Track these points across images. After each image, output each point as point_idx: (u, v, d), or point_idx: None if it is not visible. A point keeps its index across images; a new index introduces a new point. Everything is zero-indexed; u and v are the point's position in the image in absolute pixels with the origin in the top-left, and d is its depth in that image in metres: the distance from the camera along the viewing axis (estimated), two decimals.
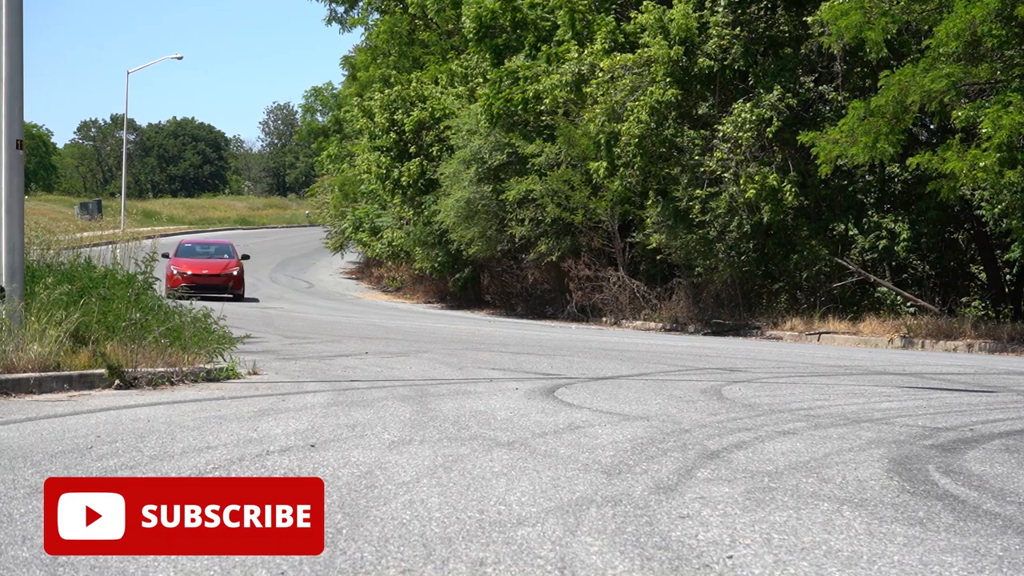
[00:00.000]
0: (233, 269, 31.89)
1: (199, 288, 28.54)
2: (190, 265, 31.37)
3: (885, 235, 22.54)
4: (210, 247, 34.61)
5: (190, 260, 31.98)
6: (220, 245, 34.99)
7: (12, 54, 9.27)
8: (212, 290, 30.26)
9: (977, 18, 16.37)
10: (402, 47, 43.23)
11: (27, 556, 3.51)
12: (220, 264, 32.16)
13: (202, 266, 31.67)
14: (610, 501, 4.33)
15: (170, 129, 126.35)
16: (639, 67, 23.68)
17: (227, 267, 31.95)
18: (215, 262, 32.30)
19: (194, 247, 34.08)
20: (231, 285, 31.40)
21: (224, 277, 31.40)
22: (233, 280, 31.67)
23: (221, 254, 33.40)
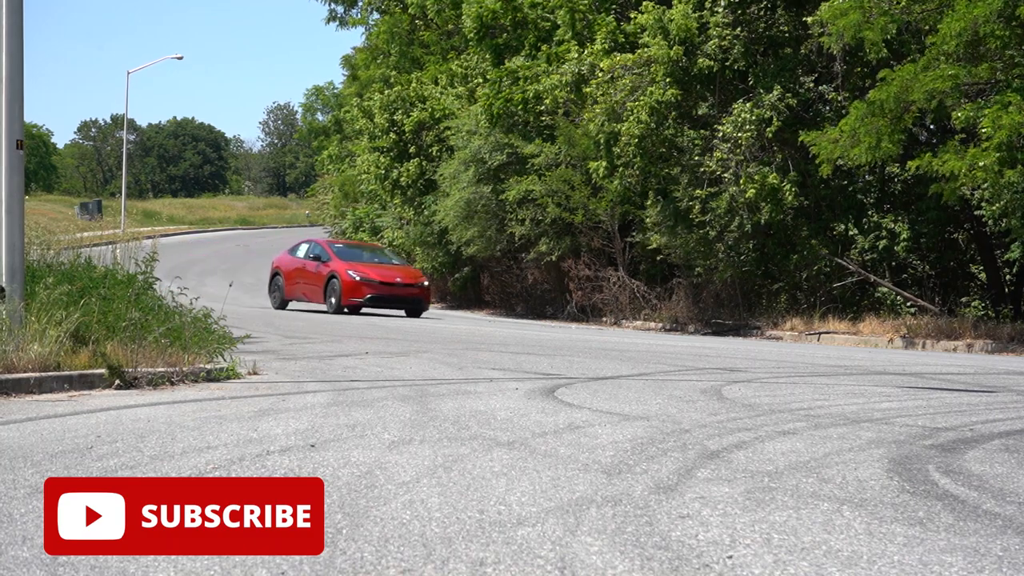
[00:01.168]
0: (424, 279, 25.77)
1: (386, 300, 24.28)
2: (375, 271, 25.03)
3: (885, 235, 22.54)
4: (365, 249, 27.95)
5: (366, 265, 25.44)
6: (375, 249, 28.45)
7: (12, 54, 9.27)
8: (402, 303, 24.89)
9: (979, 18, 16.37)
10: (402, 47, 43.22)
11: (27, 556, 3.51)
12: (410, 272, 25.84)
13: (390, 272, 25.21)
14: (610, 501, 4.33)
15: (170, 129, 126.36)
16: (639, 67, 23.68)
17: (419, 276, 25.69)
18: (401, 269, 25.92)
19: (349, 249, 27.29)
20: (424, 299, 25.41)
21: (418, 288, 25.17)
22: (425, 292, 25.53)
23: (388, 259, 27.17)
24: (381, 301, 23.66)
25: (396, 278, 24.65)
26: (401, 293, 24.58)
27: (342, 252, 26.18)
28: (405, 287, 24.72)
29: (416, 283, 25.05)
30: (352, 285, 24.15)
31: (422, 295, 25.16)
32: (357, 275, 24.28)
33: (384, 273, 24.83)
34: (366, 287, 24.19)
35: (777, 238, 23.47)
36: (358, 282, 24.19)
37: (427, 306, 25.61)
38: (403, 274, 25.11)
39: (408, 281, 24.83)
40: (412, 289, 24.92)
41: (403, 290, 24.66)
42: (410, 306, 25.06)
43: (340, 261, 25.17)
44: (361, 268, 24.80)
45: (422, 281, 25.36)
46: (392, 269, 25.38)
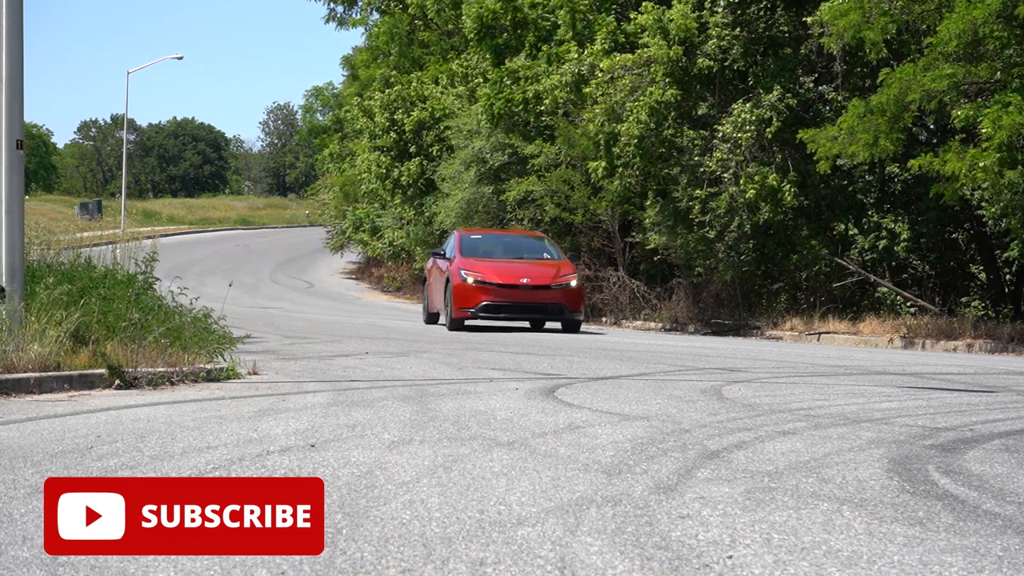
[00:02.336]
0: (569, 277, 18.65)
1: (504, 309, 18.19)
2: (496, 269, 18.56)
3: (885, 235, 22.55)
4: (509, 240, 20.93)
5: (489, 262, 19.01)
6: (525, 238, 21.39)
7: (12, 54, 9.27)
8: (533, 311, 18.50)
9: (979, 18, 16.38)
10: (402, 47, 43.24)
11: (27, 556, 3.51)
12: (545, 269, 18.89)
13: (517, 270, 18.64)
14: (610, 501, 4.33)
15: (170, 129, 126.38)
16: (639, 67, 23.68)
17: (558, 273, 18.72)
18: (534, 266, 19.08)
19: (486, 240, 20.57)
20: (568, 305, 18.42)
21: (554, 291, 18.33)
22: (570, 296, 18.46)
23: (536, 252, 20.11)
24: (497, 310, 17.90)
25: (522, 279, 18.03)
26: (525, 298, 17.88)
27: (470, 245, 19.75)
28: (533, 290, 17.88)
29: (551, 284, 18.14)
30: (462, 291, 17.94)
31: (561, 300, 18.15)
32: (470, 276, 17.96)
33: (507, 271, 18.30)
34: (480, 292, 17.88)
35: (777, 238, 23.47)
36: (470, 286, 17.91)
37: (573, 315, 18.35)
38: (536, 273, 18.38)
39: (539, 282, 18.08)
40: (544, 293, 18.02)
41: (529, 294, 17.88)
42: (541, 315, 18.47)
43: (461, 258, 18.90)
44: (479, 266, 18.44)
45: (563, 280, 18.31)
46: (526, 266, 18.69)
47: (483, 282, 18.07)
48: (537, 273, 18.51)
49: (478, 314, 17.91)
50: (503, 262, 18.98)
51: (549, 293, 18.18)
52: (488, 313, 18.01)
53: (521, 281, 18.10)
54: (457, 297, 18.05)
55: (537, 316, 18.67)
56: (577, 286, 18.50)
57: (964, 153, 16.76)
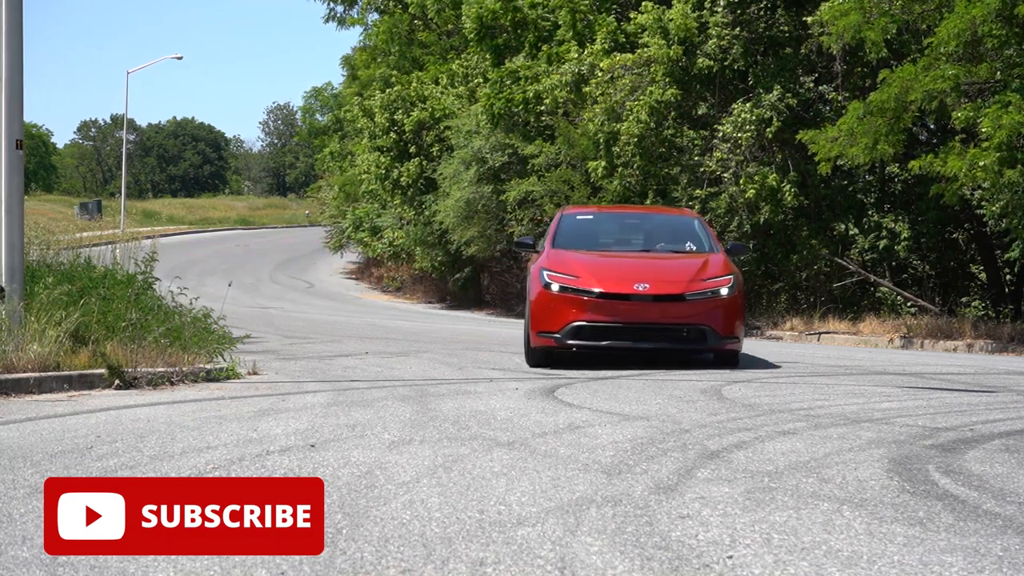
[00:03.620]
0: (719, 281, 11.64)
1: (622, 333, 11.35)
2: (597, 270, 11.75)
3: (885, 235, 22.55)
4: (635, 222, 14.07)
5: (592, 257, 12.27)
6: (663, 219, 14.13)
7: (12, 53, 9.27)
8: (657, 336, 11.50)
9: (978, 18, 16.37)
10: (402, 47, 43.23)
11: (27, 556, 3.51)
12: (681, 269, 11.96)
13: (631, 271, 11.77)
14: (610, 501, 4.33)
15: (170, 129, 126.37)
16: (639, 67, 23.68)
17: (701, 275, 11.73)
18: (664, 263, 12.30)
19: (600, 221, 13.86)
20: (714, 327, 11.39)
21: (695, 305, 11.43)
22: (720, 312, 11.48)
23: (675, 241, 13.00)
24: (598, 335, 11.27)
25: (637, 284, 11.30)
26: (643, 316, 11.27)
27: (572, 230, 12.92)
28: (655, 303, 11.27)
29: (684, 292, 11.37)
30: (543, 305, 11.37)
31: (704, 319, 11.33)
32: (556, 281, 11.37)
33: (617, 272, 11.65)
34: (568, 307, 11.27)
35: (777, 238, 23.47)
36: (554, 297, 11.30)
37: (724, 342, 11.43)
38: (663, 275, 11.61)
39: (664, 290, 11.35)
40: (673, 308, 11.31)
41: (649, 310, 11.27)
42: (671, 342, 11.47)
43: (551, 251, 12.25)
44: (574, 263, 11.75)
45: (709, 286, 11.49)
46: (652, 264, 12.04)
47: (574, 290, 11.16)
48: (665, 275, 11.47)
49: (565, 340, 11.09)
50: (616, 256, 12.22)
51: (683, 307, 11.17)
52: (582, 340, 11.12)
53: (636, 288, 11.11)
54: (535, 314, 11.30)
55: (665, 344, 11.33)
56: (732, 296, 11.32)
57: (964, 153, 16.76)
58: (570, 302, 11.27)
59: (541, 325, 11.31)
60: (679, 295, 11.29)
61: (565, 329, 11.17)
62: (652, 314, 11.23)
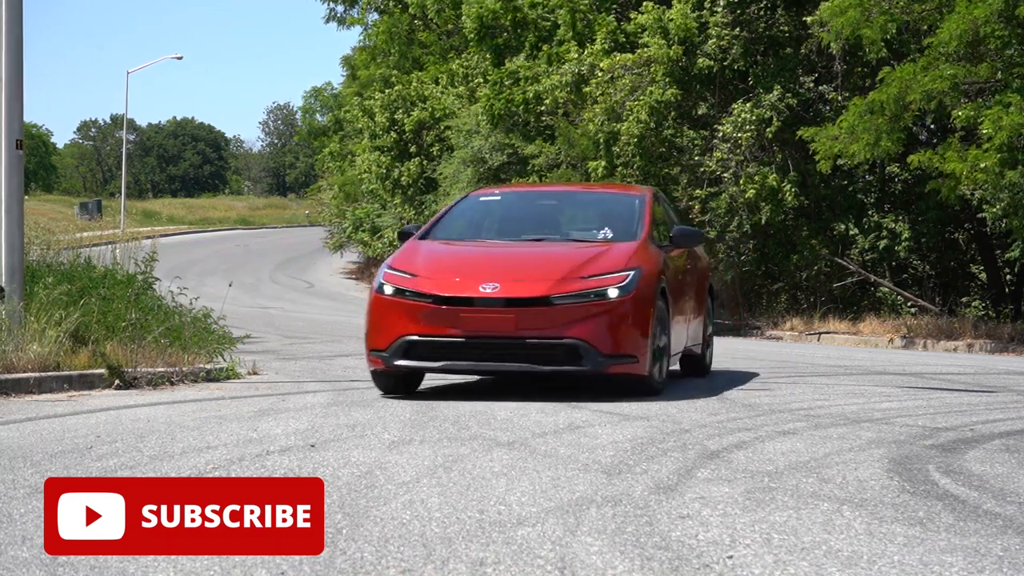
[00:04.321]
0: (611, 278, 8.11)
1: (465, 351, 8.09)
2: (446, 267, 8.50)
3: (885, 235, 22.54)
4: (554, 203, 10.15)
5: (460, 250, 8.96)
6: (599, 200, 10.44)
7: (12, 53, 9.27)
8: (514, 355, 8.04)
9: (980, 19, 16.37)
10: (402, 47, 43.22)
11: (27, 556, 3.51)
12: (565, 261, 8.41)
13: (490, 267, 8.37)
14: (610, 501, 4.33)
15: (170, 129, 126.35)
16: (639, 67, 23.68)
17: (585, 270, 8.22)
18: (549, 255, 8.70)
19: (510, 202, 10.16)
20: (593, 343, 7.91)
21: (567, 311, 7.96)
22: (604, 324, 7.97)
23: (595, 226, 9.34)
24: (435, 354, 8.21)
25: (485, 285, 8.06)
26: (491, 329, 8.05)
27: (467, 215, 9.77)
28: (508, 309, 8.00)
29: (550, 295, 8.01)
30: (374, 312, 8.51)
31: (580, 332, 7.99)
32: (392, 282, 8.40)
33: (473, 268, 8.45)
34: (399, 317, 8.25)
35: (777, 238, 23.46)
36: (386, 303, 8.39)
37: (609, 361, 8.04)
38: (523, 271, 8.37)
39: (523, 291, 8.06)
40: (534, 317, 8.00)
41: (499, 321, 8.02)
42: (531, 363, 8.09)
43: (412, 243, 9.09)
44: (429, 259, 8.69)
45: (589, 286, 8.10)
46: (524, 254, 8.88)
47: (408, 293, 8.23)
48: (529, 271, 8.34)
49: (393, 361, 8.21)
50: (489, 248, 9.02)
51: (548, 315, 7.98)
52: (414, 360, 8.22)
53: (481, 290, 8.02)
54: (367, 327, 8.54)
55: (523, 366, 8.10)
56: (626, 298, 8.08)
57: (964, 152, 16.76)
58: (402, 310, 8.15)
59: (371, 341, 8.36)
60: (542, 298, 7.90)
61: (393, 346, 8.08)
62: (504, 325, 7.92)
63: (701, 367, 10.49)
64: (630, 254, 8.50)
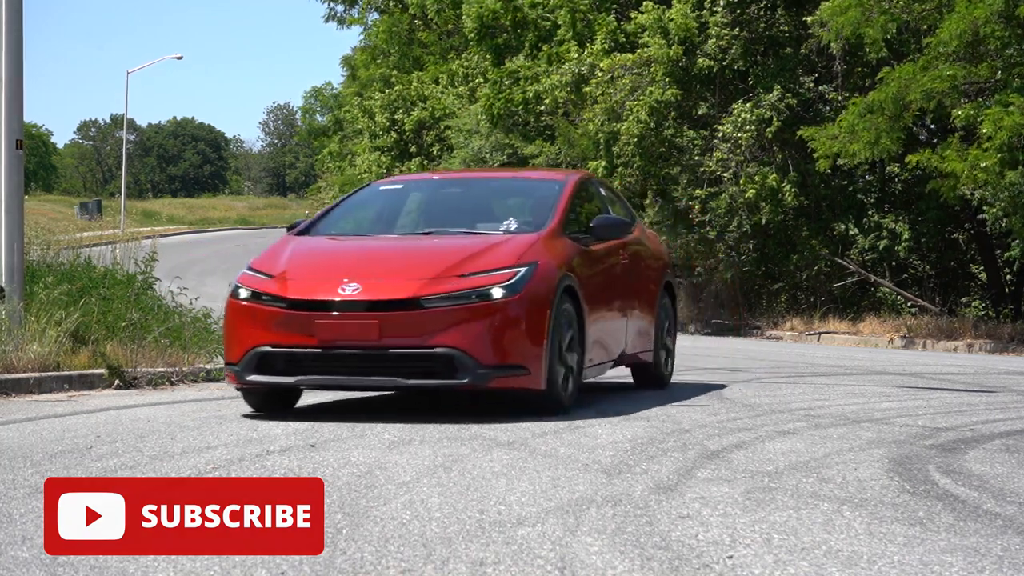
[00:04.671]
0: (496, 277, 6.96)
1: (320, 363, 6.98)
2: (304, 265, 7.44)
3: (885, 235, 22.54)
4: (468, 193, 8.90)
5: (333, 245, 7.85)
6: (513, 187, 9.14)
7: (12, 53, 9.27)
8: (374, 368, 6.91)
9: (979, 19, 16.36)
10: (402, 47, 43.22)
11: (27, 556, 3.51)
12: (425, 261, 7.24)
13: (347, 266, 7.26)
14: (610, 501, 4.33)
15: (170, 129, 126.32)
16: (639, 67, 23.68)
17: (450, 271, 7.02)
18: (416, 250, 7.59)
19: (412, 191, 8.87)
20: (468, 351, 6.77)
21: (437, 314, 6.82)
22: (484, 323, 6.83)
23: (502, 216, 8.07)
24: (292, 367, 7.05)
25: (345, 286, 6.92)
26: (352, 337, 6.88)
27: (362, 205, 8.75)
28: (372, 313, 6.85)
29: (419, 296, 6.85)
30: (228, 319, 7.43)
31: (454, 339, 6.80)
32: (249, 284, 7.28)
33: (336, 266, 7.40)
34: (251, 326, 7.15)
35: (777, 238, 23.46)
36: (241, 308, 7.25)
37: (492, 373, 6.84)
38: (392, 269, 7.20)
39: (387, 294, 6.90)
40: (401, 322, 6.84)
41: (360, 326, 6.86)
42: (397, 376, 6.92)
43: (286, 238, 8.03)
44: (295, 256, 7.57)
45: (468, 285, 6.93)
46: (402, 249, 7.68)
47: (263, 297, 7.18)
48: (398, 269, 7.27)
49: (245, 376, 7.16)
50: (365, 242, 7.94)
51: (417, 321, 6.90)
52: (266, 375, 7.13)
53: (340, 292, 6.98)
54: (224, 337, 7.66)
55: (392, 380, 7.01)
56: (514, 298, 6.95)
57: (964, 152, 16.75)
58: (256, 317, 7.08)
59: (225, 352, 7.39)
60: (409, 300, 6.79)
61: (245, 359, 7.01)
62: (366, 332, 6.79)
63: (656, 378, 9.18)
64: (526, 248, 7.26)
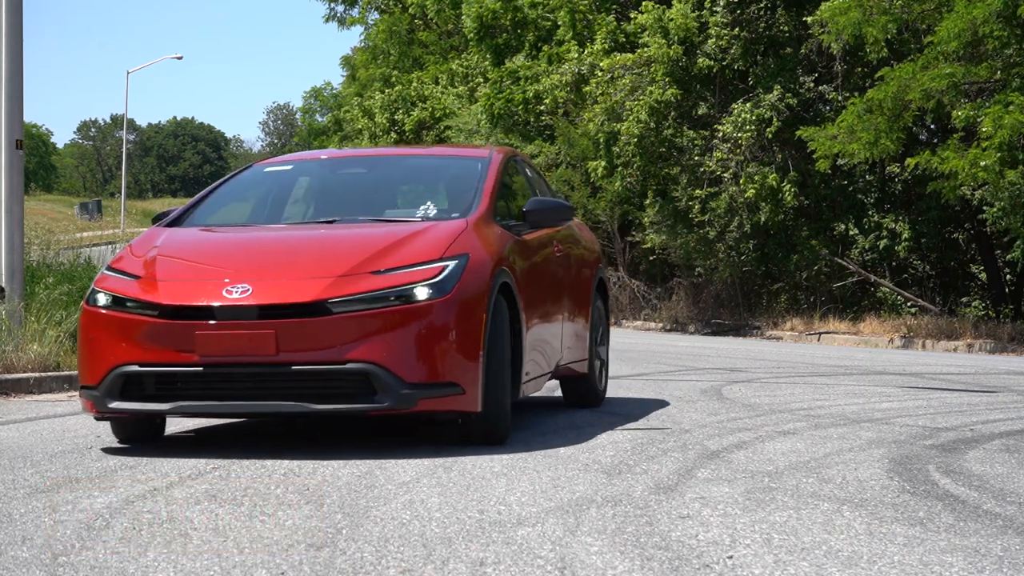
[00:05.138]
0: (420, 273, 5.56)
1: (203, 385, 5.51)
2: (180, 263, 5.91)
3: (885, 235, 22.55)
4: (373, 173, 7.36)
5: (214, 238, 6.34)
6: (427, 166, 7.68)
7: (12, 54, 9.27)
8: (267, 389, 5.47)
9: (979, 18, 16.35)
10: (402, 47, 43.24)
11: (27, 556, 3.51)
12: (334, 254, 5.80)
13: (236, 264, 5.76)
14: (610, 501, 4.33)
15: (170, 129, 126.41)
16: (639, 67, 23.69)
17: (364, 265, 5.59)
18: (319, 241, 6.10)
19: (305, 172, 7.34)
20: (382, 366, 5.38)
21: (343, 323, 5.40)
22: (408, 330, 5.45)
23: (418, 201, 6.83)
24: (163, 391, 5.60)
25: (233, 287, 5.48)
26: (243, 352, 5.41)
27: (243, 190, 7.20)
28: (267, 321, 5.41)
29: (327, 298, 5.44)
30: (84, 332, 5.85)
31: (371, 352, 5.40)
32: (110, 289, 5.78)
33: (219, 264, 5.88)
34: (118, 338, 5.60)
35: (777, 238, 23.47)
36: (100, 318, 5.73)
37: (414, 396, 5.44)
38: (295, 265, 5.72)
39: (286, 296, 5.47)
40: (304, 332, 5.40)
41: (254, 338, 5.39)
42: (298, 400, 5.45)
43: (154, 231, 6.44)
44: (164, 253, 6.00)
45: (394, 283, 5.53)
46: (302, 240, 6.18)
47: (127, 303, 5.70)
48: (302, 265, 5.77)
49: (106, 402, 5.62)
50: (261, 234, 6.45)
51: (324, 330, 5.45)
52: (133, 402, 5.65)
53: (227, 295, 5.50)
54: (78, 353, 6.08)
55: (289, 406, 5.49)
56: (443, 299, 5.56)
57: (963, 152, 16.75)
58: (120, 328, 5.61)
59: (80, 373, 5.85)
60: (314, 304, 5.42)
61: (107, 381, 5.55)
62: (260, 345, 5.39)
63: (588, 393, 7.66)
64: (453, 237, 5.87)
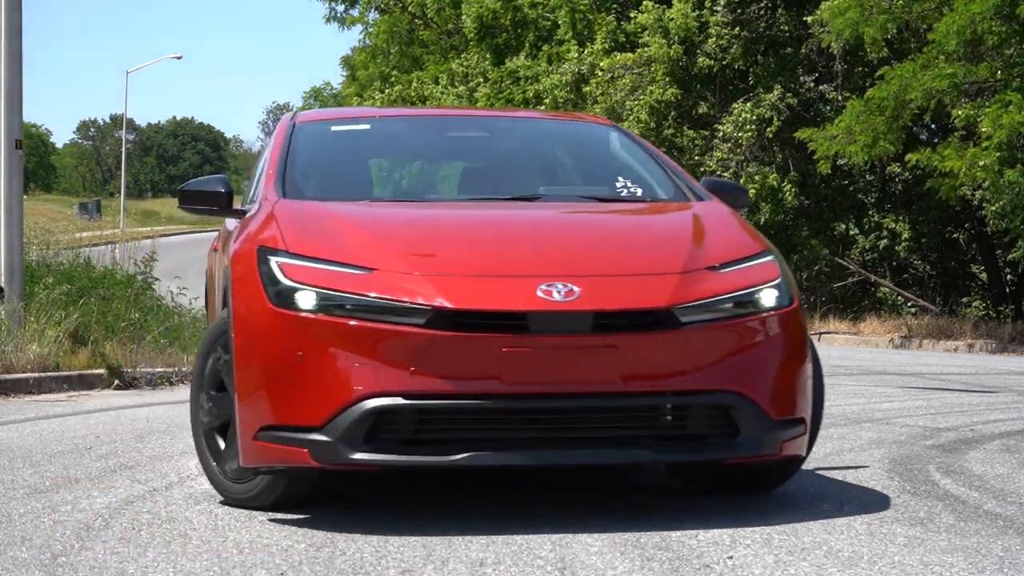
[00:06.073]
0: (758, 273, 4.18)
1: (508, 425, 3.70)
2: (423, 248, 4.02)
3: (886, 235, 22.55)
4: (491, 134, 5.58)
5: (402, 215, 4.53)
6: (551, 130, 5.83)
7: (12, 54, 9.26)
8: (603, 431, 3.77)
9: (977, 16, 16.35)
10: (402, 46, 43.24)
11: (27, 556, 3.51)
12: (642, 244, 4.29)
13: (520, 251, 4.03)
14: (610, 501, 4.32)
15: (170, 129, 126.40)
16: (639, 67, 23.69)
17: (691, 262, 3.98)
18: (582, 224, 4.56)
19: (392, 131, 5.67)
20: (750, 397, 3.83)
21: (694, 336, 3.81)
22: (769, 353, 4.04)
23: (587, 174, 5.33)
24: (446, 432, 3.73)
25: (547, 284, 3.75)
26: (565, 378, 3.71)
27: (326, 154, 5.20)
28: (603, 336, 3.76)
29: (680, 304, 3.80)
30: (279, 345, 3.79)
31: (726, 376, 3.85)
32: (312, 283, 3.80)
33: (496, 251, 4.07)
34: (356, 355, 3.70)
35: (777, 238, 23.48)
36: (308, 323, 3.78)
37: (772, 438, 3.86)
38: (608, 258, 4.02)
39: (629, 302, 3.80)
40: (651, 350, 3.76)
41: (580, 356, 3.73)
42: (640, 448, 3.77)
43: (286, 204, 4.38)
44: (366, 233, 4.09)
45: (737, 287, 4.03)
46: (555, 223, 4.55)
47: (366, 305, 3.78)
48: (618, 258, 4.10)
49: (345, 453, 3.67)
50: (454, 211, 4.76)
51: (675, 347, 3.82)
52: (395, 455, 3.72)
53: (544, 295, 3.76)
54: (251, 376, 3.88)
55: (633, 456, 3.85)
56: (787, 311, 4.39)
57: (963, 151, 16.74)
58: (353, 339, 3.78)
59: (273, 406, 3.84)
60: (662, 312, 3.87)
61: (341, 420, 3.72)
62: (599, 369, 3.80)
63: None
64: (738, 223, 4.64)
